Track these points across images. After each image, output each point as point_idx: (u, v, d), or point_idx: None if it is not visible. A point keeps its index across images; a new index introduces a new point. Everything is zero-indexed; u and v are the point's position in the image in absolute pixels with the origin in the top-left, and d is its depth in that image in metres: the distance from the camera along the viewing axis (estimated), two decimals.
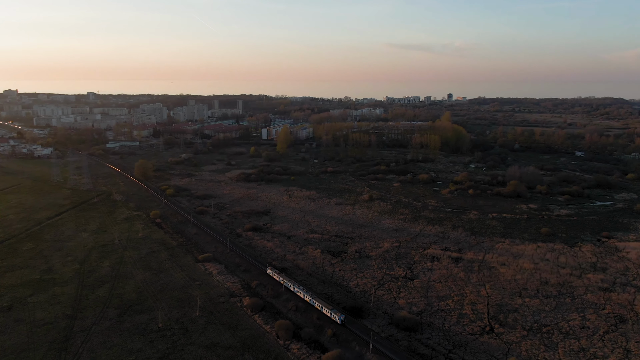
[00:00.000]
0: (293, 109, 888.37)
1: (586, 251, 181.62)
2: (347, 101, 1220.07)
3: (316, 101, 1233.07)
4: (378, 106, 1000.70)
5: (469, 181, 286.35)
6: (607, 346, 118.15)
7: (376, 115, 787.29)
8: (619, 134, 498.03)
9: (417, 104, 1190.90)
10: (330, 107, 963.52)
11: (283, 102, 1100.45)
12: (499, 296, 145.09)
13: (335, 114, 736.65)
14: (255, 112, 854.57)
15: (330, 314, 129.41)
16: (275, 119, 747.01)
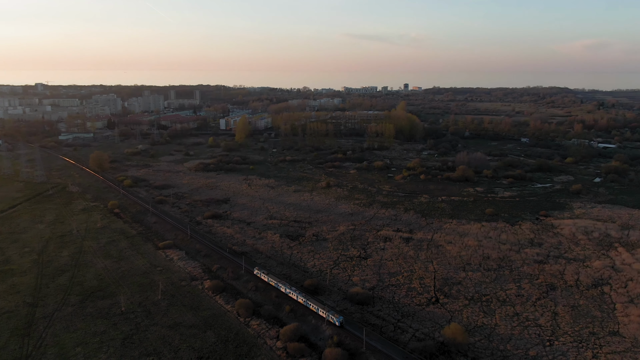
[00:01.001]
0: (251, 99, 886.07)
1: (525, 229, 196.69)
2: (306, 91, 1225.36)
3: (275, 91, 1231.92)
4: (336, 96, 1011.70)
5: (421, 167, 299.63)
6: (538, 310, 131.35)
7: (334, 105, 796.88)
8: (562, 122, 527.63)
9: (375, 94, 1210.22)
10: (289, 97, 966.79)
11: (241, 93, 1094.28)
12: (444, 271, 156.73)
13: (293, 104, 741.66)
14: (213, 102, 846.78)
15: (327, 316, 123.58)
16: (233, 110, 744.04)
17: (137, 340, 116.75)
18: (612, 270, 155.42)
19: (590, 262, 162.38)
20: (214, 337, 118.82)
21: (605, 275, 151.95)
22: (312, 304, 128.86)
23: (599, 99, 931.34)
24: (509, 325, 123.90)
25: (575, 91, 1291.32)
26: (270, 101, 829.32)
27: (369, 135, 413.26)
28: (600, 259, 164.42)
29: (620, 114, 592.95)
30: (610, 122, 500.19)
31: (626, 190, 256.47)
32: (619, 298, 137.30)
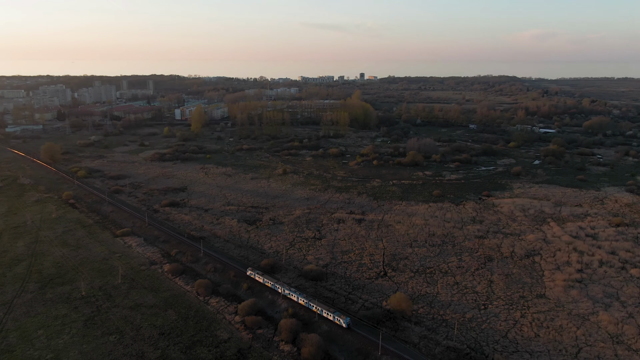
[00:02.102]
0: (207, 89, 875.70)
1: (468, 208, 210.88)
2: (263, 81, 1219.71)
3: (231, 81, 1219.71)
4: (293, 86, 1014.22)
5: (374, 153, 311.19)
6: (476, 279, 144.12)
7: (291, 95, 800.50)
8: (507, 109, 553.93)
9: (331, 83, 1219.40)
10: (245, 87, 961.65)
11: (196, 82, 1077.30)
12: (393, 248, 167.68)
13: (250, 94, 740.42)
14: (168, 92, 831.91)
15: (333, 317, 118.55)
16: (188, 99, 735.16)
17: (99, 321, 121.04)
18: (544, 243, 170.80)
19: (524, 236, 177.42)
20: (175, 315, 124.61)
21: (537, 247, 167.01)
22: (314, 306, 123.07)
23: (544, 87, 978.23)
24: (449, 293, 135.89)
25: (523, 80, 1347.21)
26: (227, 91, 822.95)
27: (324, 123, 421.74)
28: (534, 233, 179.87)
29: (562, 101, 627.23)
30: (551, 108, 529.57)
31: (561, 171, 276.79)
32: (547, 266, 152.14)
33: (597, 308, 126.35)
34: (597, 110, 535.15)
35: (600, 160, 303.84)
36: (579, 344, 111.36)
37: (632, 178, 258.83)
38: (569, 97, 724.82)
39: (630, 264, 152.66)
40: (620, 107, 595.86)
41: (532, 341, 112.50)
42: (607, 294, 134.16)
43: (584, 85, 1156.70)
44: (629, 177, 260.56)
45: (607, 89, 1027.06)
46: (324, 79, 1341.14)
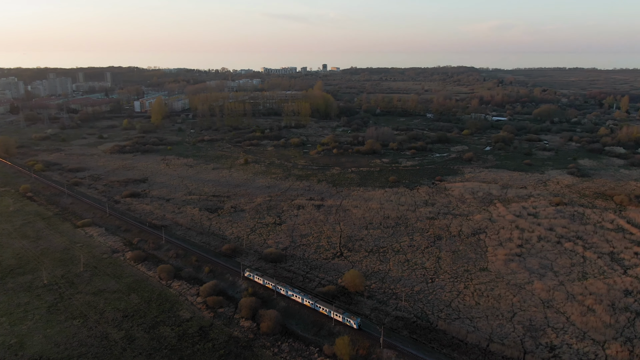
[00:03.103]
0: (167, 81, 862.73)
1: (422, 192, 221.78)
2: (225, 72, 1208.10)
3: (192, 72, 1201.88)
4: (255, 77, 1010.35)
5: (334, 142, 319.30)
6: (425, 256, 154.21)
7: (253, 86, 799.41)
8: (463, 98, 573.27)
9: (294, 74, 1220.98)
10: (206, 79, 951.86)
11: (156, 74, 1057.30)
12: (349, 230, 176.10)
13: (212, 85, 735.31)
14: (126, 84, 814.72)
15: (342, 318, 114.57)
16: (148, 91, 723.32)
17: (62, 307, 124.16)
18: (489, 222, 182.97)
19: (472, 216, 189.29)
20: (138, 298, 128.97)
21: (483, 226, 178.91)
22: (322, 307, 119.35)
23: (499, 77, 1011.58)
24: (400, 269, 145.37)
25: (480, 70, 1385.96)
26: (187, 82, 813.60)
27: (286, 114, 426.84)
28: (481, 213, 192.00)
29: (515, 91, 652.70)
30: (504, 97, 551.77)
31: (510, 156, 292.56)
32: (491, 242, 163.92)
33: (532, 278, 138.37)
34: (547, 99, 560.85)
35: (546, 145, 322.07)
36: (514, 309, 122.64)
37: (574, 161, 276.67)
38: (522, 87, 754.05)
39: (565, 238, 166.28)
40: (569, 96, 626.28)
41: (472, 309, 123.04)
42: (542, 265, 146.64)
43: (538, 75, 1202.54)
44: (571, 161, 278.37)
45: (559, 79, 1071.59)
46: (287, 70, 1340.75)
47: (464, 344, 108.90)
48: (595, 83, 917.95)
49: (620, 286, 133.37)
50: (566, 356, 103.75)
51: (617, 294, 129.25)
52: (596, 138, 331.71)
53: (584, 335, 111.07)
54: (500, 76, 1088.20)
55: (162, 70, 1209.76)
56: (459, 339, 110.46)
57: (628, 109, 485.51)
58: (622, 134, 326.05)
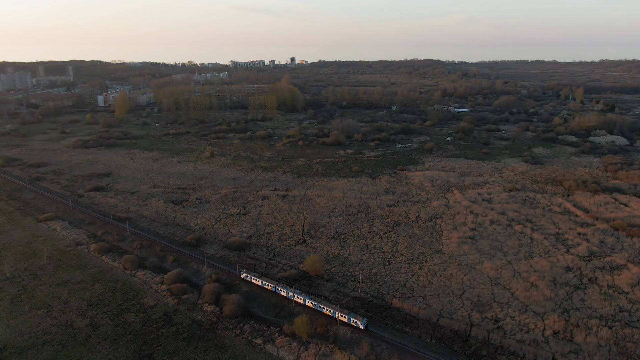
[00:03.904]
0: (132, 75, 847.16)
1: (384, 181, 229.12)
2: (191, 66, 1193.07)
3: (158, 66, 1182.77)
4: (223, 70, 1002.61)
5: (300, 134, 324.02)
6: (384, 241, 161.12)
7: (220, 79, 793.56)
8: (428, 90, 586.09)
9: (262, 67, 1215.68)
10: (173, 72, 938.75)
11: (120, 68, 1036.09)
12: (312, 218, 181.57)
13: (177, 79, 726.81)
14: (89, 78, 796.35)
15: (348, 319, 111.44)
16: (112, 86, 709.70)
17: (26, 299, 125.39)
18: (446, 208, 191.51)
19: (430, 202, 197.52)
20: (102, 288, 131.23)
21: (440, 212, 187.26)
22: (325, 308, 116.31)
23: (464, 70, 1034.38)
24: (360, 253, 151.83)
25: (446, 63, 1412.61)
26: (153, 76, 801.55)
27: (252, 107, 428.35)
28: (438, 200, 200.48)
29: (478, 83, 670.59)
30: (467, 89, 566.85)
31: (469, 146, 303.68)
32: (447, 227, 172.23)
33: (483, 258, 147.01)
34: (508, 91, 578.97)
35: (503, 135, 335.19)
36: (464, 287, 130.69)
37: (529, 150, 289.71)
38: (485, 79, 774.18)
39: (516, 221, 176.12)
40: (529, 88, 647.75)
41: (426, 288, 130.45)
42: (492, 246, 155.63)
43: (501, 68, 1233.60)
44: (526, 149, 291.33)
45: (521, 71, 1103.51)
46: (255, 64, 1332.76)
47: (416, 319, 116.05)
48: (555, 75, 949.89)
49: (562, 263, 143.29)
50: (508, 327, 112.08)
51: (559, 270, 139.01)
52: (550, 127, 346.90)
53: (526, 308, 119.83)
54: (465, 69, 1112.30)
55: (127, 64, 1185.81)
56: (411, 315, 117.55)
57: (583, 100, 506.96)
58: (575, 124, 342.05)
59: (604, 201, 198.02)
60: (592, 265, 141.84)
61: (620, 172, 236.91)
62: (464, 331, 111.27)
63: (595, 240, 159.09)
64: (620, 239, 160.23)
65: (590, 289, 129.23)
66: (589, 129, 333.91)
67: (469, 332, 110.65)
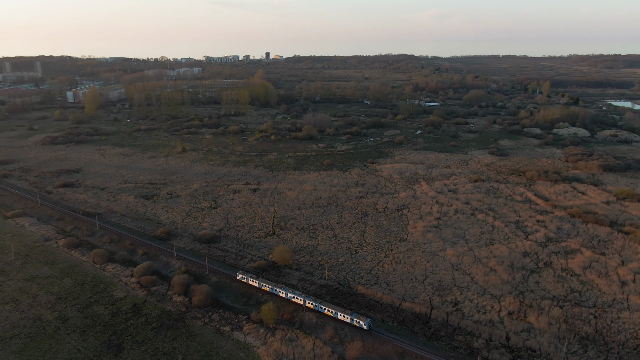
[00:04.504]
0: (103, 70, 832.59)
1: (354, 174, 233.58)
2: (164, 61, 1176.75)
3: (129, 62, 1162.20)
4: (196, 66, 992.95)
5: (272, 129, 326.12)
6: (352, 231, 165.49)
7: (193, 75, 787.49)
8: (401, 85, 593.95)
9: (236, 63, 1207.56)
10: (145, 68, 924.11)
11: (91, 63, 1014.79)
12: (283, 211, 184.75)
13: (149, 74, 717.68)
14: (58, 74, 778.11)
15: (350, 320, 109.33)
16: (82, 81, 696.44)
17: None
18: (413, 198, 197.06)
19: (398, 194, 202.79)
20: (71, 282, 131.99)
21: (407, 202, 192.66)
22: (327, 309, 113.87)
23: (437, 65, 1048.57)
24: (328, 243, 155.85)
25: (420, 58, 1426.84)
26: (124, 72, 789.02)
27: (225, 102, 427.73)
28: (406, 191, 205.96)
29: (449, 77, 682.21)
30: (438, 84, 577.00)
31: (438, 139, 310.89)
32: (413, 217, 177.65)
33: (446, 246, 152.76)
34: (478, 85, 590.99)
35: (472, 128, 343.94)
36: (426, 273, 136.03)
37: (495, 142, 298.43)
38: (457, 74, 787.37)
39: (479, 210, 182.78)
40: (498, 82, 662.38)
41: (390, 274, 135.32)
42: (456, 234, 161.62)
43: (473, 63, 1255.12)
44: (492, 142, 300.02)
45: (492, 66, 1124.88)
46: (229, 59, 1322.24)
47: (380, 304, 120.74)
48: (525, 70, 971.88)
49: (521, 249, 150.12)
50: (467, 309, 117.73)
51: (517, 255, 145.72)
52: (517, 120, 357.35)
53: (484, 292, 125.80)
54: (438, 64, 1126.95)
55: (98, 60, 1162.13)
56: (375, 300, 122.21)
57: (549, 94, 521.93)
58: (540, 117, 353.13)
59: (563, 190, 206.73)
60: (548, 250, 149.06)
61: (580, 163, 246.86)
62: (424, 314, 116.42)
63: (553, 227, 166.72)
64: (576, 226, 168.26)
65: (545, 272, 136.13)
66: (553, 122, 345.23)
67: (430, 315, 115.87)
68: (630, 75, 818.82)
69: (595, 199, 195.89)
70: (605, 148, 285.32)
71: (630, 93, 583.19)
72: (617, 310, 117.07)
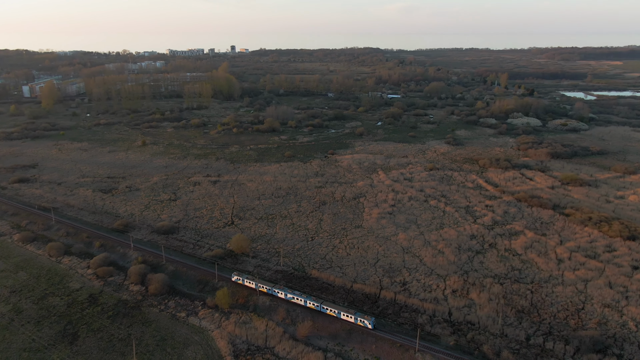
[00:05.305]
0: (61, 64, 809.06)
1: (314, 165, 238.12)
2: (126, 55, 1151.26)
3: (90, 55, 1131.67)
4: (160, 59, 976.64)
5: (235, 122, 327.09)
6: (309, 219, 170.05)
7: (156, 68, 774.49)
8: (365, 77, 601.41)
9: (201, 56, 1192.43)
10: (106, 62, 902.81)
11: (49, 57, 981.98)
12: (242, 202, 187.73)
13: (110, 68, 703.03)
14: (14, 68, 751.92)
15: (354, 319, 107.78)
16: (40, 76, 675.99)
17: None
18: (370, 187, 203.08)
19: (356, 183, 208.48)
20: (26, 275, 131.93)
21: (364, 191, 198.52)
22: (329, 308, 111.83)
23: (401, 58, 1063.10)
24: (285, 231, 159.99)
25: (385, 51, 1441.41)
26: (84, 66, 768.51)
27: (187, 95, 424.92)
28: (364, 180, 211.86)
29: (412, 70, 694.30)
30: (401, 76, 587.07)
31: (398, 130, 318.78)
32: (369, 204, 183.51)
33: (398, 231, 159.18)
34: (439, 77, 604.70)
35: (430, 119, 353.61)
36: (378, 256, 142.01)
37: (452, 132, 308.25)
38: (420, 66, 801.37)
39: (432, 197, 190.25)
40: (459, 74, 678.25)
41: (344, 259, 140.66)
42: (408, 220, 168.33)
43: (437, 55, 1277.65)
44: (450, 132, 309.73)
45: (455, 58, 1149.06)
46: (194, 52, 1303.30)
47: (332, 286, 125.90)
48: (486, 62, 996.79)
49: (469, 232, 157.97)
50: (414, 288, 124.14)
51: (464, 238, 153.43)
52: (474, 111, 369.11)
53: (432, 272, 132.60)
54: (403, 57, 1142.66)
55: (56, 54, 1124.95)
56: (328, 283, 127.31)
57: (507, 85, 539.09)
58: (495, 107, 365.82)
59: (512, 176, 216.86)
60: (493, 233, 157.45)
61: (530, 151, 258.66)
62: (374, 294, 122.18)
63: (500, 211, 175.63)
64: (521, 209, 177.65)
65: (489, 253, 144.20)
66: (508, 112, 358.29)
67: (379, 295, 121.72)
68: (584, 67, 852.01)
69: (542, 184, 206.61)
70: (555, 137, 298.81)
71: (583, 84, 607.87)
72: (552, 285, 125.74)
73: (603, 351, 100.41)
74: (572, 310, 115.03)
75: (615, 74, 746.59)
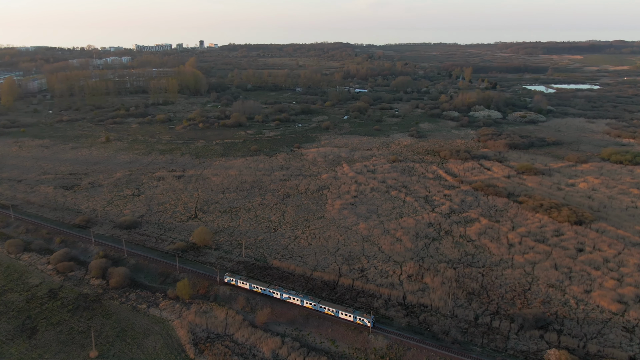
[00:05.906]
0: (22, 60, 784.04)
1: (280, 158, 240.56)
2: (91, 50, 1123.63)
3: (53, 50, 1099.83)
4: (126, 54, 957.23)
5: (201, 117, 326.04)
6: (272, 211, 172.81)
7: (122, 64, 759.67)
8: (333, 72, 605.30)
9: (169, 51, 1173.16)
10: (70, 57, 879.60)
11: (9, 53, 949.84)
12: (207, 196, 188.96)
13: (74, 64, 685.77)
14: None
15: (353, 318, 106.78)
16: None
17: None
18: (334, 179, 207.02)
19: (320, 176, 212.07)
20: None
21: (328, 183, 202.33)
22: (327, 308, 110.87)
23: (370, 53, 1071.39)
24: (249, 224, 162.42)
25: (355, 46, 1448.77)
26: (46, 61, 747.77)
27: (153, 91, 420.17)
28: (328, 173, 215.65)
29: (380, 64, 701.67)
30: (369, 71, 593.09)
31: (363, 123, 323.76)
32: (332, 196, 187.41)
33: (359, 221, 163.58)
34: (406, 72, 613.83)
35: (395, 112, 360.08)
36: (339, 245, 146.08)
37: (416, 125, 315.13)
38: (389, 61, 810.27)
39: (393, 188, 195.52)
40: (426, 69, 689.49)
41: (305, 249, 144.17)
42: (369, 210, 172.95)
43: (405, 50, 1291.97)
44: (413, 125, 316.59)
45: (423, 53, 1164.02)
46: (161, 47, 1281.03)
47: (292, 275, 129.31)
48: (453, 57, 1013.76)
49: (426, 220, 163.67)
50: (371, 275, 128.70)
51: (422, 226, 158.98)
52: (437, 105, 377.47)
53: (389, 259, 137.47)
54: (372, 52, 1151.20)
55: (17, 49, 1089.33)
56: (289, 272, 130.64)
57: (471, 79, 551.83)
58: (458, 100, 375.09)
59: (471, 167, 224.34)
60: (450, 221, 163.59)
61: (490, 142, 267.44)
62: (332, 281, 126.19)
63: (457, 200, 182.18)
64: (478, 198, 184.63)
65: (445, 239, 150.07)
66: (470, 105, 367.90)
67: (337, 282, 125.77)
68: (546, 62, 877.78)
69: (498, 173, 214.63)
70: (514, 128, 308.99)
71: (544, 78, 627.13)
72: (501, 269, 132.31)
73: (545, 327, 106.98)
74: (519, 291, 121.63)
75: (575, 68, 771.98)
